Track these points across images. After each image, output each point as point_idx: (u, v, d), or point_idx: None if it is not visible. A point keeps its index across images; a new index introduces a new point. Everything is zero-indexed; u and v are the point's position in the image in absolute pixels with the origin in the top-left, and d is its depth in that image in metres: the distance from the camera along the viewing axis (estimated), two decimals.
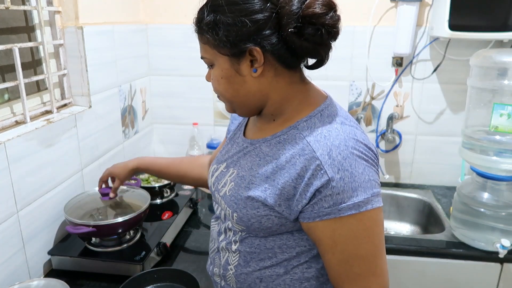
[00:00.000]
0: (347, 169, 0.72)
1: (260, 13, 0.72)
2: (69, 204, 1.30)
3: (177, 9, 1.91)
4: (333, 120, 0.78)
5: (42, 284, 1.07)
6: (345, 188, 0.72)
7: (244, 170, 0.84)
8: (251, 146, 0.86)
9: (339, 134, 0.75)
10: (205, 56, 0.81)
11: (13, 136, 1.11)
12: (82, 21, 1.42)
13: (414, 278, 1.51)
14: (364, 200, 0.73)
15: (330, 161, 0.72)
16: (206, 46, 0.79)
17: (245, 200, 0.81)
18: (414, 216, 1.90)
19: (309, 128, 0.78)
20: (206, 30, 0.76)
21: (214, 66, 0.80)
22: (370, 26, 1.81)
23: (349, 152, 0.73)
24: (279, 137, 0.81)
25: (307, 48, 0.74)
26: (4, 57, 1.23)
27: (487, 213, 1.42)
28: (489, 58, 1.45)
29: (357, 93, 1.91)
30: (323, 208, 0.73)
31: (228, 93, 0.81)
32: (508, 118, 1.38)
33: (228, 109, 0.88)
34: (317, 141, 0.74)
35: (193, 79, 1.98)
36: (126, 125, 1.78)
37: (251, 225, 0.81)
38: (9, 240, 1.11)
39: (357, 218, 0.74)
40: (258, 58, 0.75)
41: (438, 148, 1.93)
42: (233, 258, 0.88)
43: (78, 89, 1.46)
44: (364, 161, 0.75)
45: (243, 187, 0.82)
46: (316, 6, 0.71)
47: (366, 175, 0.74)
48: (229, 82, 0.79)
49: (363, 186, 0.73)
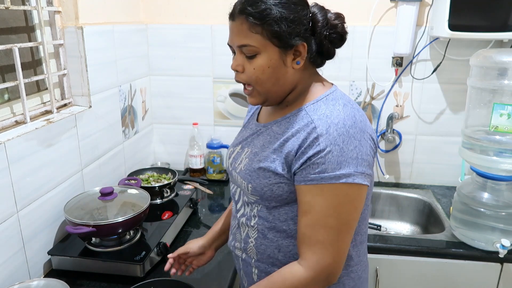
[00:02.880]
0: (338, 144, 0.82)
1: (306, 16, 0.88)
2: (69, 204, 1.30)
3: (177, 9, 1.91)
4: (336, 103, 0.89)
5: (42, 284, 1.07)
6: (332, 160, 0.82)
7: (256, 148, 0.95)
8: (263, 128, 0.98)
9: (340, 114, 0.85)
10: (251, 44, 0.86)
11: (13, 136, 1.11)
12: (82, 21, 1.42)
13: (414, 278, 1.51)
14: (345, 173, 0.82)
15: (327, 135, 0.83)
16: (258, 36, 0.85)
17: (258, 171, 0.91)
18: (414, 216, 1.90)
19: (315, 110, 0.88)
20: (270, 22, 0.84)
21: (258, 55, 0.87)
22: (370, 26, 1.81)
23: (345, 130, 0.83)
24: (289, 118, 0.92)
25: (330, 49, 0.92)
26: (4, 57, 1.23)
27: (487, 213, 1.42)
28: (489, 58, 1.45)
29: (357, 93, 1.91)
30: (309, 174, 0.84)
31: (270, 82, 0.89)
32: (508, 118, 1.38)
33: (255, 101, 0.94)
34: (320, 119, 0.85)
35: (193, 79, 1.98)
36: (126, 125, 1.78)
37: (264, 193, 0.91)
38: (9, 240, 1.11)
39: (334, 189, 0.83)
40: (303, 52, 0.88)
41: (438, 148, 1.93)
42: (252, 232, 0.98)
43: (78, 89, 1.46)
44: (357, 140, 0.84)
45: (255, 161, 0.93)
46: (334, 18, 0.90)
47: (356, 152, 0.83)
48: (274, 71, 0.88)
49: (349, 162, 0.82)
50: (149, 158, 2.07)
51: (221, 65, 1.94)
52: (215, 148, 2.00)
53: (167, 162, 2.09)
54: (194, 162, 2.01)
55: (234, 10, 0.89)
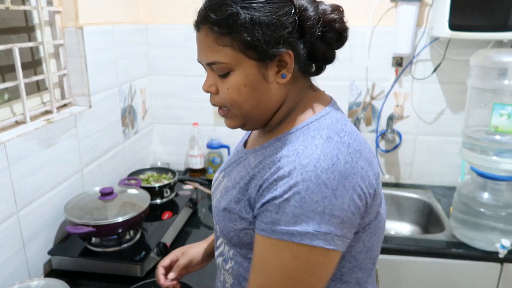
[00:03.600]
0: (299, 192, 0.63)
1: (290, 15, 0.68)
2: (69, 204, 1.30)
3: (177, 9, 1.91)
4: (317, 134, 0.69)
5: (42, 284, 1.07)
6: (287, 211, 0.64)
7: (230, 181, 0.79)
8: (244, 156, 0.81)
9: (314, 152, 0.65)
10: (222, 61, 0.69)
11: (13, 136, 1.11)
12: (82, 21, 1.42)
13: (414, 278, 1.51)
14: (301, 232, 0.63)
15: (287, 179, 0.64)
16: (228, 49, 0.68)
17: (223, 212, 0.76)
18: (414, 216, 1.90)
19: (290, 142, 0.70)
20: (239, 30, 0.66)
21: (232, 73, 0.70)
22: (370, 26, 1.81)
23: (314, 174, 0.63)
24: (266, 149, 0.75)
25: (326, 52, 0.73)
26: (4, 57, 1.23)
27: (487, 213, 1.42)
28: (489, 58, 1.45)
29: (357, 93, 1.91)
30: (262, 222, 0.68)
31: (249, 103, 0.71)
32: (508, 118, 1.38)
33: (234, 125, 0.77)
34: (287, 156, 0.67)
35: (193, 79, 1.98)
36: (126, 125, 1.78)
37: (231, 238, 0.76)
38: (9, 240, 1.11)
39: (291, 249, 0.65)
40: (289, 62, 0.69)
41: (438, 148, 1.93)
42: (228, 277, 0.83)
43: (78, 89, 1.46)
44: (330, 190, 0.63)
45: (224, 199, 0.77)
46: (330, 11, 0.71)
47: (323, 205, 0.63)
48: (252, 90, 0.70)
49: (309, 216, 0.63)
50: (149, 158, 2.07)
51: None
52: (215, 148, 2.00)
53: (167, 162, 2.08)
54: (194, 162, 2.01)
55: (197, 17, 0.71)
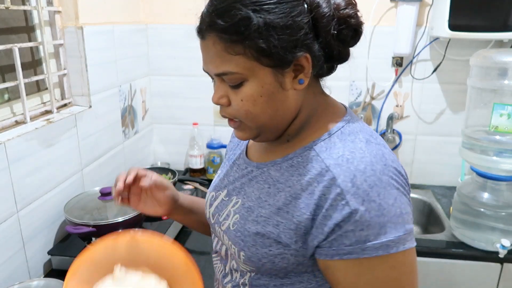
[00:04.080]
0: (374, 199, 0.59)
1: (303, 14, 0.62)
2: (69, 204, 1.30)
3: (177, 9, 1.91)
4: (356, 138, 0.65)
5: (42, 284, 1.07)
6: (371, 223, 0.59)
7: (250, 200, 0.71)
8: (257, 170, 0.73)
9: (364, 156, 0.62)
10: (234, 71, 0.62)
11: (13, 136, 1.11)
12: (82, 21, 1.42)
13: None
14: (394, 240, 0.60)
15: (354, 189, 0.60)
16: (240, 57, 0.61)
17: (254, 236, 0.68)
18: (414, 216, 1.89)
19: (328, 149, 0.65)
20: (252, 37, 0.60)
21: (246, 83, 0.63)
22: (370, 26, 1.81)
23: (376, 178, 0.60)
24: (292, 160, 0.68)
25: (342, 51, 0.68)
26: (4, 57, 1.22)
27: (487, 213, 1.42)
28: (489, 58, 1.45)
29: (357, 93, 1.91)
30: (343, 245, 0.60)
31: (265, 114, 0.65)
32: (508, 118, 1.38)
33: (247, 137, 0.70)
34: (338, 165, 0.62)
35: (193, 79, 1.98)
36: (126, 125, 1.78)
37: (262, 265, 0.68)
38: (9, 240, 1.11)
39: (386, 262, 0.61)
40: (306, 66, 0.64)
41: (438, 148, 1.93)
42: None
43: (78, 89, 1.46)
44: (395, 189, 0.62)
45: (250, 221, 0.69)
46: (344, 6, 0.66)
47: (398, 207, 0.61)
48: (269, 100, 0.64)
49: (394, 222, 0.60)
50: (149, 158, 2.06)
51: None
52: (215, 148, 2.00)
53: (167, 162, 2.08)
54: (194, 162, 2.01)
55: (201, 23, 0.64)
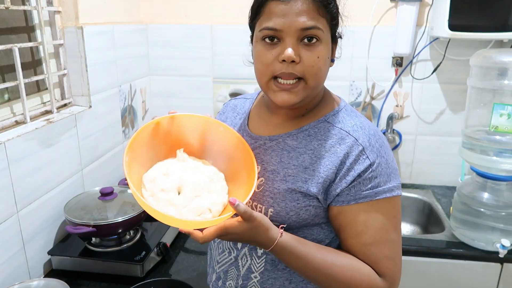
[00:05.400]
0: (383, 155, 0.78)
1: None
2: (69, 204, 1.30)
3: (177, 9, 1.91)
4: (357, 114, 0.84)
5: (42, 284, 1.07)
6: (382, 172, 0.77)
7: (272, 164, 0.82)
8: (270, 142, 0.84)
9: (370, 125, 0.81)
10: (321, 27, 0.75)
11: (13, 136, 1.11)
12: (82, 21, 1.42)
13: (414, 278, 1.51)
14: (396, 186, 0.78)
15: (371, 147, 0.77)
16: (324, 20, 0.76)
17: (284, 192, 0.80)
18: (414, 216, 1.90)
19: (341, 121, 0.82)
20: (333, 7, 0.77)
21: (318, 43, 0.75)
22: (370, 26, 1.81)
23: (382, 141, 0.80)
24: (307, 131, 0.82)
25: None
26: (4, 57, 1.22)
27: (487, 213, 1.42)
28: (489, 58, 1.45)
29: (357, 93, 1.91)
30: (360, 191, 0.76)
31: (325, 76, 0.80)
32: (508, 118, 1.38)
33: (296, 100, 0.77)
34: (355, 131, 0.79)
35: (193, 79, 1.98)
36: (126, 125, 1.78)
37: (288, 218, 0.80)
38: (9, 240, 1.11)
39: (389, 202, 0.78)
40: (335, 49, 0.82)
41: (438, 148, 1.93)
42: (258, 264, 0.84)
43: (78, 89, 1.46)
44: (389, 150, 0.82)
45: (278, 180, 0.81)
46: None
47: (394, 163, 0.81)
48: (326, 64, 0.79)
49: (394, 173, 0.79)
50: None
51: (221, 65, 1.94)
52: None
53: None
54: None
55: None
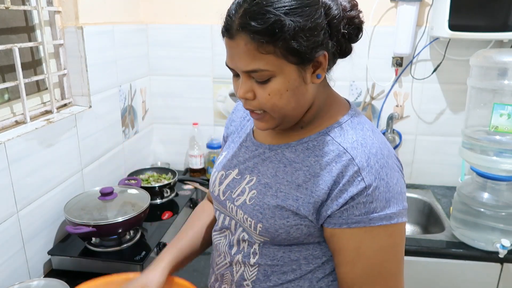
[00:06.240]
0: (383, 178, 0.71)
1: (322, 16, 0.70)
2: (69, 204, 1.30)
3: (177, 9, 1.91)
4: (363, 127, 0.76)
5: (42, 284, 1.07)
6: (380, 197, 0.70)
7: (267, 177, 0.79)
8: (270, 151, 0.81)
9: (374, 142, 0.74)
10: (264, 69, 0.69)
11: (13, 136, 1.11)
12: (82, 21, 1.42)
13: (414, 278, 1.51)
14: (396, 212, 0.71)
15: (368, 168, 0.70)
16: (270, 56, 0.68)
17: (273, 209, 0.76)
18: (414, 216, 1.90)
19: (342, 135, 0.75)
20: (285, 38, 0.67)
21: (273, 79, 0.70)
22: (370, 26, 1.81)
23: (385, 161, 0.72)
24: (307, 143, 0.77)
25: (348, 47, 0.78)
26: (4, 57, 1.22)
27: (487, 213, 1.42)
28: (489, 58, 1.45)
29: (357, 93, 1.91)
30: (353, 215, 0.71)
31: (289, 106, 0.73)
32: (508, 118, 1.38)
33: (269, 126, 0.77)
34: (354, 148, 0.72)
35: (193, 79, 1.98)
36: (126, 125, 1.78)
37: (277, 236, 0.76)
38: (9, 240, 1.11)
39: (386, 231, 0.71)
40: (324, 63, 0.73)
41: (438, 148, 1.93)
42: (250, 273, 0.82)
43: (78, 89, 1.46)
44: (397, 172, 0.74)
45: (269, 195, 0.77)
46: (350, 8, 0.75)
47: (399, 186, 0.73)
48: (293, 93, 0.72)
49: (396, 198, 0.71)
50: (149, 158, 2.06)
51: (221, 65, 1.94)
52: (215, 148, 1.99)
53: (167, 162, 2.08)
54: (194, 162, 2.01)
55: (230, 25, 0.70)
